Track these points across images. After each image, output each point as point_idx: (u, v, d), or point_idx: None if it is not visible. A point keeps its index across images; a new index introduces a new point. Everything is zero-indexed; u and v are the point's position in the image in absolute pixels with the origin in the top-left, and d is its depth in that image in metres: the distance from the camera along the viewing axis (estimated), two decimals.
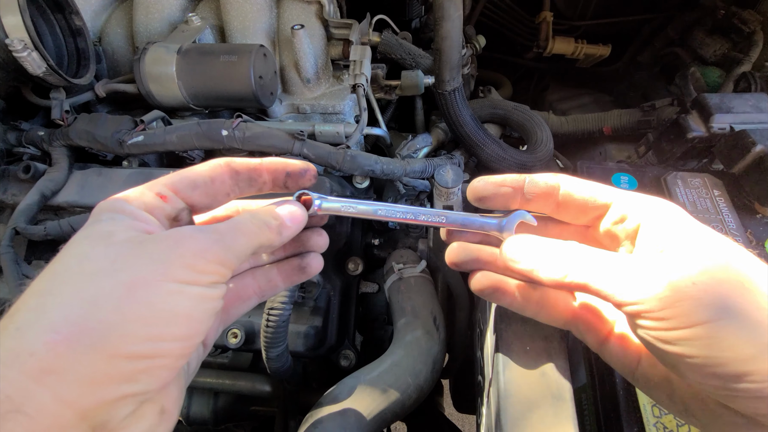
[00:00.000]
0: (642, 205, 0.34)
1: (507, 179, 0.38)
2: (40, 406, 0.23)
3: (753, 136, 0.60)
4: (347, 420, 0.54)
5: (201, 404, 0.85)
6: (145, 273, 0.27)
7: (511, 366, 0.45)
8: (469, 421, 1.86)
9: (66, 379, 0.24)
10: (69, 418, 0.24)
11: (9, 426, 0.22)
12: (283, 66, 0.85)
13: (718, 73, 1.06)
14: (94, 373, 0.24)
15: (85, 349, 0.24)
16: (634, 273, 0.30)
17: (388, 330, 0.81)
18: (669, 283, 0.28)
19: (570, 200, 0.37)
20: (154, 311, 0.26)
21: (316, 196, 0.40)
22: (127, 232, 0.28)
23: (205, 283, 0.29)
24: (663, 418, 0.43)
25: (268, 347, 0.56)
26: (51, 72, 0.67)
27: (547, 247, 0.35)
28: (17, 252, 0.64)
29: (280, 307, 0.55)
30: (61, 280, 0.26)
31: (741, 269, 0.29)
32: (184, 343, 0.28)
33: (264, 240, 0.34)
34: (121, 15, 0.89)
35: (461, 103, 0.76)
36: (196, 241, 0.29)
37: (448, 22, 0.64)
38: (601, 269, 0.31)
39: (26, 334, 0.24)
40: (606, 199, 0.36)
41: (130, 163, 0.77)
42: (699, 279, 0.28)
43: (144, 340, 0.26)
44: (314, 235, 0.42)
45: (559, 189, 0.37)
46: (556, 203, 0.37)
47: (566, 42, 1.40)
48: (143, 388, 0.26)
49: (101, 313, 0.25)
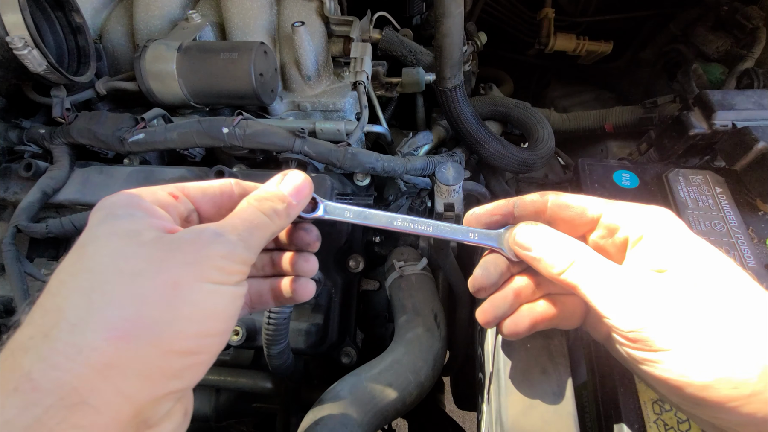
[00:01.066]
0: (632, 217, 0.35)
1: (497, 208, 0.40)
2: (104, 399, 0.24)
3: (755, 133, 0.59)
4: (348, 417, 0.54)
5: (203, 401, 0.85)
6: (183, 274, 0.28)
7: (511, 363, 0.45)
8: (470, 418, 1.86)
9: (126, 373, 0.24)
10: (126, 413, 0.25)
11: (76, 417, 0.23)
12: (283, 63, 0.85)
13: (720, 69, 1.06)
14: (149, 368, 0.25)
15: (142, 345, 0.25)
16: (623, 291, 0.32)
17: (389, 327, 0.81)
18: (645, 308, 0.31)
19: (558, 217, 0.38)
20: (198, 309, 0.28)
21: (319, 200, 0.40)
22: (152, 231, 0.29)
23: (233, 283, 0.30)
24: (663, 415, 0.43)
25: (269, 344, 0.56)
26: (52, 70, 0.67)
27: (555, 238, 0.36)
28: (19, 250, 0.65)
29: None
30: (103, 279, 0.26)
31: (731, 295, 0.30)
32: (221, 339, 0.30)
33: (276, 228, 0.34)
34: (122, 12, 0.89)
35: (462, 100, 0.76)
36: (221, 244, 0.30)
37: (449, 18, 0.64)
38: (592, 277, 0.33)
39: (85, 331, 0.24)
40: (595, 211, 0.36)
41: (131, 160, 0.77)
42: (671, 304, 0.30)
43: (193, 337, 0.27)
44: (301, 261, 0.41)
45: (547, 206, 0.38)
46: (546, 221, 0.38)
47: (568, 39, 1.39)
48: (185, 384, 0.28)
49: (153, 311, 0.26)
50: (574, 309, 0.39)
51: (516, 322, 0.38)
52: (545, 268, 0.35)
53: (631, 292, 0.31)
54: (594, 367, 0.52)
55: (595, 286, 0.33)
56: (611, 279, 0.33)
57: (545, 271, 0.35)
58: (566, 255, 0.34)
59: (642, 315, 0.31)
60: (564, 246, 0.35)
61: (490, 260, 0.40)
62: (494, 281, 0.39)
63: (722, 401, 0.28)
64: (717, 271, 0.31)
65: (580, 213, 0.37)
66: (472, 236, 0.40)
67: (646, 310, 0.31)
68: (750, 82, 0.92)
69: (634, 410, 0.44)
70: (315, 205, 0.40)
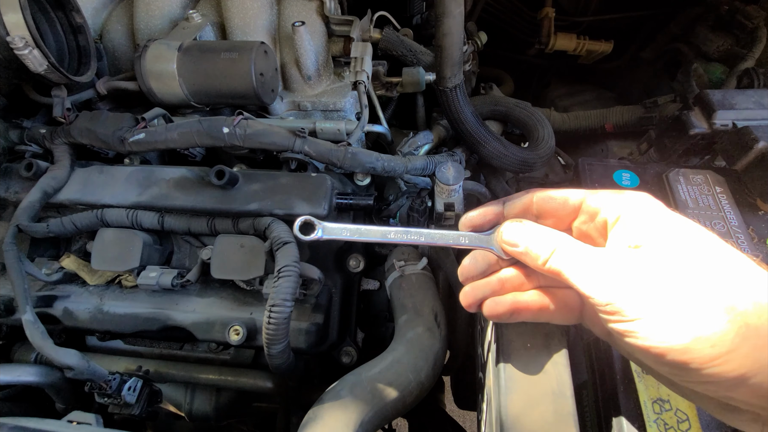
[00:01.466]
0: (610, 200, 0.37)
1: (488, 211, 0.42)
2: None
3: (756, 132, 0.60)
4: (349, 416, 0.54)
5: (203, 401, 0.85)
6: None
7: (511, 363, 0.45)
8: (470, 417, 1.86)
9: None
10: None
11: None
12: (284, 63, 0.85)
13: (720, 69, 1.06)
14: None
15: None
16: (599, 269, 0.33)
17: (390, 327, 0.81)
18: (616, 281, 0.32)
19: (544, 210, 0.40)
20: None
21: (317, 222, 0.42)
22: None
23: None
24: (663, 414, 0.44)
25: (270, 344, 0.57)
26: (52, 69, 0.67)
27: (537, 231, 0.38)
28: (20, 249, 0.65)
29: (281, 304, 0.55)
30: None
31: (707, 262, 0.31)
32: None
33: None
34: (122, 12, 0.89)
35: (462, 100, 0.76)
36: None
37: (449, 18, 0.64)
38: (575, 262, 0.35)
39: None
40: (577, 198, 0.38)
41: (131, 160, 0.77)
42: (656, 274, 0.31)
43: None
44: None
45: (533, 201, 0.40)
46: (535, 215, 0.40)
47: (568, 38, 1.39)
48: None
49: None
50: (568, 301, 0.40)
51: (496, 302, 0.40)
52: (532, 260, 0.37)
53: (605, 268, 0.33)
54: (594, 367, 0.52)
55: (575, 268, 0.35)
56: (588, 259, 0.34)
57: (532, 263, 0.37)
58: (548, 244, 0.36)
59: (613, 287, 0.32)
60: (545, 237, 0.37)
61: (480, 252, 0.42)
62: (482, 270, 0.42)
63: (705, 362, 0.29)
64: (688, 241, 0.32)
65: (562, 202, 0.39)
66: (464, 240, 0.42)
67: (617, 282, 0.32)
68: (750, 82, 0.92)
69: (634, 410, 0.44)
70: (313, 228, 0.41)
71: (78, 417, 0.59)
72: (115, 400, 0.62)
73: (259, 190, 0.67)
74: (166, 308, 0.68)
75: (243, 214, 0.67)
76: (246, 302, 0.69)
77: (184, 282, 0.68)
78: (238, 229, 0.67)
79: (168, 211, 0.69)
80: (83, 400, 0.69)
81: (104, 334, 0.77)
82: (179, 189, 0.69)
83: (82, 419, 0.59)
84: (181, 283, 0.68)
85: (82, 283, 0.72)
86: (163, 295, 0.70)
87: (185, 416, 0.85)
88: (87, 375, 0.60)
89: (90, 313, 0.69)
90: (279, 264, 0.58)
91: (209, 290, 0.71)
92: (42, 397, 0.71)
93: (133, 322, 0.68)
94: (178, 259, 0.74)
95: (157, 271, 0.67)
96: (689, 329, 0.29)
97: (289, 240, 0.60)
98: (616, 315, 0.32)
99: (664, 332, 0.30)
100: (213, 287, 0.71)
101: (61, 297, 0.70)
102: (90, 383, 0.61)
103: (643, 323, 0.31)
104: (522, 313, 0.40)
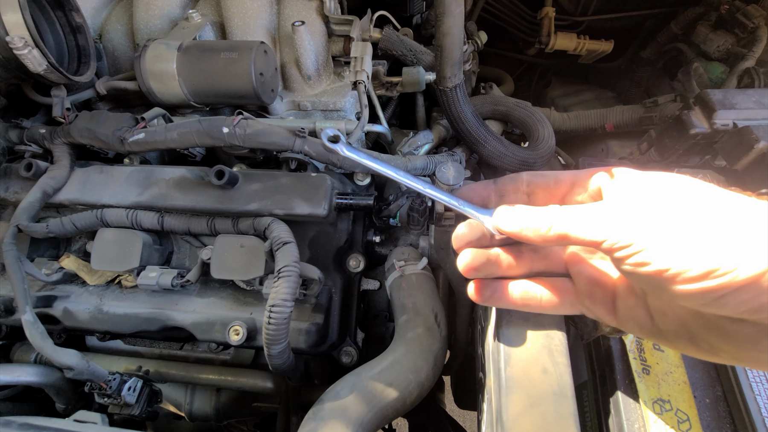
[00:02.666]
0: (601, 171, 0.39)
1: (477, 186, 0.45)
2: None
3: (756, 132, 0.59)
4: (349, 416, 0.54)
5: (203, 400, 0.85)
6: None
7: (512, 362, 0.45)
8: (470, 417, 1.86)
9: None
10: None
11: None
12: (283, 63, 0.85)
13: (721, 68, 1.06)
14: None
15: None
16: (602, 216, 0.34)
17: (390, 327, 0.81)
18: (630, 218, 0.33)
19: (536, 187, 0.42)
20: None
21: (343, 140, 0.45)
22: None
23: None
24: (663, 415, 0.43)
25: (270, 344, 0.56)
26: (52, 69, 0.67)
27: (532, 210, 0.39)
28: (20, 249, 0.65)
29: (281, 304, 0.55)
30: None
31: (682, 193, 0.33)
32: None
33: None
34: (122, 12, 0.89)
35: (462, 99, 0.75)
36: None
37: (449, 18, 0.64)
38: (577, 219, 0.36)
39: None
40: (567, 176, 0.41)
41: (131, 160, 0.77)
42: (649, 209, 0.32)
43: None
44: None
45: (524, 179, 0.43)
46: (526, 193, 0.43)
47: (568, 38, 1.39)
48: None
49: None
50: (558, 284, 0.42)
51: (474, 257, 0.43)
52: (535, 233, 0.38)
53: (613, 211, 0.34)
54: (594, 367, 0.52)
55: (580, 223, 0.35)
56: (591, 211, 0.35)
57: (535, 235, 0.38)
58: (547, 215, 0.37)
59: (629, 222, 0.32)
60: (542, 210, 0.38)
61: (473, 221, 0.44)
62: (477, 237, 0.44)
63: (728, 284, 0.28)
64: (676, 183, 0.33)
65: (554, 179, 0.41)
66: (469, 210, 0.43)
67: (631, 216, 0.33)
68: (751, 81, 0.92)
69: (634, 410, 0.44)
70: (337, 142, 0.45)
71: (84, 416, 0.59)
72: (115, 400, 0.62)
73: (258, 190, 0.67)
74: (166, 308, 0.68)
75: (243, 214, 0.67)
76: (246, 302, 0.69)
77: (184, 282, 0.68)
78: (238, 229, 0.67)
79: (168, 211, 0.69)
80: (83, 401, 0.69)
81: (104, 334, 0.77)
82: (179, 189, 0.68)
83: (88, 419, 0.59)
84: (181, 283, 0.68)
85: (82, 283, 0.72)
86: (163, 295, 0.70)
87: (185, 416, 0.85)
88: (87, 375, 0.60)
89: (90, 313, 0.69)
90: (279, 264, 0.58)
91: (209, 290, 0.71)
92: (42, 397, 0.72)
93: (132, 322, 0.68)
94: (178, 259, 0.74)
95: (157, 271, 0.67)
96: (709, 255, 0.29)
97: (289, 240, 0.60)
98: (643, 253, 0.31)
99: (679, 257, 0.29)
100: (213, 287, 0.71)
101: (61, 297, 0.70)
102: (90, 383, 0.61)
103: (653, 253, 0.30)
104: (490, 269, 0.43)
